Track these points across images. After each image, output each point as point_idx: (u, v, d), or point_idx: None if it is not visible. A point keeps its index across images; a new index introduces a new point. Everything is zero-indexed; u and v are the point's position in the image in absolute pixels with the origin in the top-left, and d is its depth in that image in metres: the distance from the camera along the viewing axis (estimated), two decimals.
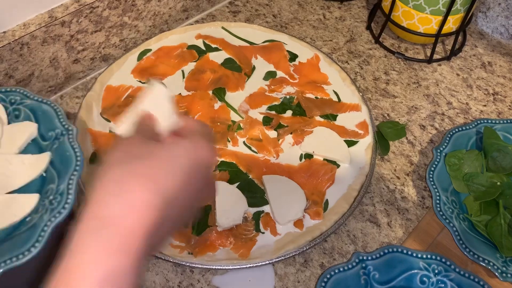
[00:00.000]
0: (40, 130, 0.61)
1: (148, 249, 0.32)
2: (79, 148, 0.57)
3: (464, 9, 0.77)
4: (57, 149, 0.58)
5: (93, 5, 0.71)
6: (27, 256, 0.49)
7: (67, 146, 0.58)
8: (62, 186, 0.54)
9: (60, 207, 0.52)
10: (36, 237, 0.50)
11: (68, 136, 0.59)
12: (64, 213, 0.52)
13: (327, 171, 0.66)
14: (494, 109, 0.78)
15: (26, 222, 0.54)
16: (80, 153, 0.57)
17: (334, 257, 0.60)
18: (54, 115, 0.61)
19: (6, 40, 0.65)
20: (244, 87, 0.76)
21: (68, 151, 0.57)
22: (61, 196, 0.53)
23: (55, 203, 0.53)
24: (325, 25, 0.90)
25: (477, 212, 0.62)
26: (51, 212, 0.52)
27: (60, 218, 0.52)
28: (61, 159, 0.57)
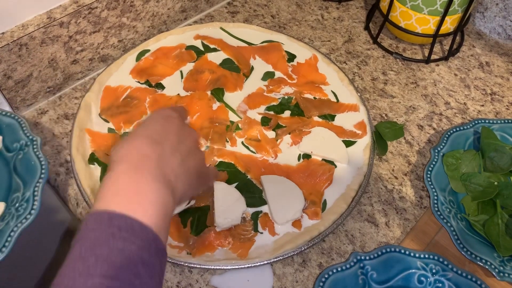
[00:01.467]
0: (4, 142, 0.64)
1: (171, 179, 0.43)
2: (44, 157, 0.60)
3: (461, 9, 0.77)
4: (22, 159, 0.61)
5: (91, 6, 0.71)
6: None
7: (31, 156, 0.61)
8: (27, 193, 0.57)
9: (26, 213, 0.55)
10: (3, 242, 0.53)
11: (33, 146, 0.61)
12: (31, 219, 0.55)
13: (325, 171, 0.66)
14: (491, 109, 0.78)
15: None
16: (45, 162, 0.60)
17: (332, 257, 0.61)
18: (18, 127, 0.64)
19: (5, 41, 0.65)
20: (242, 88, 0.77)
21: (33, 161, 0.60)
22: (27, 203, 0.56)
23: (21, 209, 0.56)
24: (323, 26, 0.90)
25: (475, 212, 0.63)
26: (18, 218, 0.55)
27: (26, 223, 0.54)
28: (26, 168, 0.60)
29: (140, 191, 0.39)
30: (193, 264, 0.57)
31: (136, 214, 0.38)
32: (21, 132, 0.63)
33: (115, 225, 0.37)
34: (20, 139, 0.63)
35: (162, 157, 0.43)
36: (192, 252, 0.58)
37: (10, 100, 0.71)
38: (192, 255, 0.58)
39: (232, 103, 0.74)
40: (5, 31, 0.66)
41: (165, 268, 0.40)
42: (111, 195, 0.39)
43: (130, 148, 0.43)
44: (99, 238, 0.36)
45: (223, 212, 0.60)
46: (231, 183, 0.65)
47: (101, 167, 0.65)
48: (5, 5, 0.64)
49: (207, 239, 0.59)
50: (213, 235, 0.59)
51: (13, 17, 0.66)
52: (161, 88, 0.76)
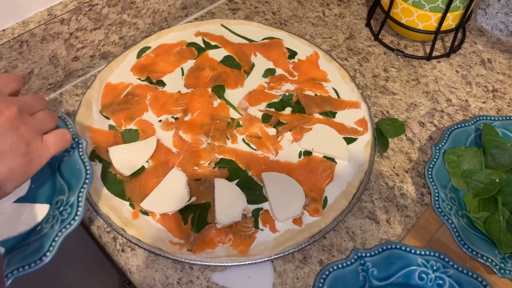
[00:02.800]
0: None
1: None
2: (89, 161, 0.58)
3: (463, 6, 0.77)
4: (67, 161, 0.59)
5: (92, 3, 0.71)
6: (38, 264, 0.51)
7: (77, 159, 0.59)
8: (72, 198, 0.56)
9: (71, 218, 0.54)
10: (48, 246, 0.52)
11: (78, 149, 0.59)
12: (75, 224, 0.54)
13: (326, 168, 0.66)
14: (493, 106, 0.78)
15: (36, 231, 0.55)
16: (90, 167, 0.58)
17: (333, 254, 0.61)
18: (64, 127, 0.61)
19: (6, 38, 0.65)
20: (243, 85, 0.76)
21: (78, 165, 0.58)
22: (71, 208, 0.55)
23: (65, 214, 0.55)
24: (325, 22, 0.90)
25: (476, 209, 0.62)
26: (62, 222, 0.54)
27: (71, 229, 0.53)
28: (71, 172, 0.58)
29: None
30: (193, 261, 0.57)
31: None
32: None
33: None
34: None
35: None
36: (192, 249, 0.58)
37: None
38: (192, 252, 0.58)
39: (233, 100, 0.74)
40: (6, 28, 0.66)
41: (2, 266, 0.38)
42: None
43: None
44: None
45: (223, 209, 0.60)
46: (232, 180, 0.65)
47: (102, 164, 0.65)
48: (6, 2, 0.64)
49: (207, 236, 0.59)
50: (213, 232, 0.59)
51: (13, 14, 0.66)
52: (162, 85, 0.76)
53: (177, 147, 0.68)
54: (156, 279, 0.58)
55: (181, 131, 0.70)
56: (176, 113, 0.72)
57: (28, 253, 0.52)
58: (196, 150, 0.68)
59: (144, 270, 0.58)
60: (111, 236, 0.61)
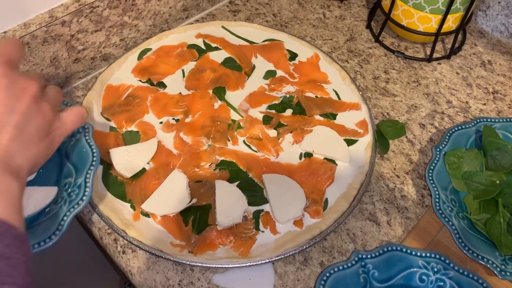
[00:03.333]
0: None
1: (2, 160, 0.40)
2: (95, 145, 0.61)
3: (463, 7, 0.77)
4: (74, 145, 0.62)
5: (93, 5, 0.71)
6: (48, 243, 0.53)
7: (83, 143, 0.61)
8: (79, 180, 0.58)
9: (79, 199, 0.57)
10: (57, 225, 0.54)
11: (85, 133, 0.62)
12: (83, 204, 0.56)
13: (327, 170, 0.66)
14: (493, 107, 0.78)
15: (46, 212, 0.57)
16: (96, 150, 0.61)
17: (333, 256, 0.61)
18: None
19: None
20: (244, 86, 0.77)
21: (85, 148, 0.61)
22: (79, 189, 0.58)
23: (73, 195, 0.57)
24: (325, 24, 0.90)
25: (476, 210, 0.63)
26: (70, 203, 0.56)
27: (79, 208, 0.56)
28: (78, 155, 0.61)
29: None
30: (194, 262, 0.57)
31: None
32: None
33: None
34: None
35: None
36: (193, 250, 0.58)
37: None
38: (193, 254, 0.58)
39: (234, 102, 0.74)
40: (7, 30, 0.66)
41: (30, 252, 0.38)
42: None
43: None
44: None
45: (224, 210, 0.60)
46: (233, 181, 0.65)
47: (102, 166, 0.65)
48: (7, 4, 0.64)
49: (208, 238, 0.59)
50: (214, 233, 0.59)
51: (15, 16, 0.66)
52: (162, 87, 0.76)
53: (178, 149, 0.68)
54: (157, 280, 0.58)
55: (182, 133, 0.70)
56: (177, 115, 0.72)
57: (39, 232, 0.54)
58: (197, 151, 0.68)
59: (145, 272, 0.58)
60: (112, 237, 0.62)
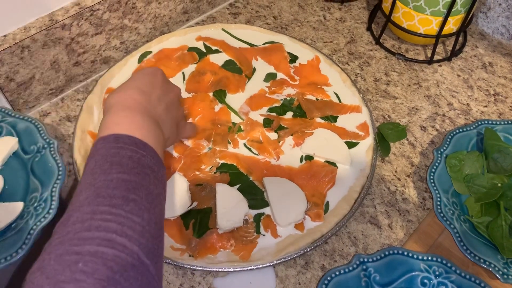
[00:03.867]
0: (22, 144, 0.65)
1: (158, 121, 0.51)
2: (60, 159, 0.63)
3: (464, 9, 0.77)
4: (40, 161, 0.63)
5: (93, 8, 0.71)
6: (14, 257, 0.54)
7: (48, 158, 0.63)
8: (45, 194, 0.60)
9: (45, 212, 0.58)
10: (23, 240, 0.56)
11: (50, 149, 0.64)
12: (49, 218, 0.57)
13: (328, 173, 0.66)
14: (495, 110, 0.78)
15: (12, 228, 0.58)
16: (61, 164, 0.62)
17: (335, 259, 0.60)
18: (35, 130, 0.66)
19: (7, 43, 0.65)
20: (244, 89, 0.76)
21: (50, 163, 0.63)
22: (45, 203, 0.59)
23: (39, 209, 0.58)
24: (326, 27, 0.90)
25: (478, 213, 0.62)
26: (37, 217, 0.58)
27: (45, 222, 0.57)
28: (44, 170, 0.62)
29: (137, 122, 0.47)
30: (195, 266, 0.57)
31: (137, 135, 0.45)
32: (38, 135, 0.65)
33: (121, 142, 0.44)
34: (37, 142, 0.65)
35: (150, 103, 0.51)
36: (194, 254, 0.58)
37: (12, 102, 0.71)
38: (194, 258, 0.58)
39: (234, 105, 0.74)
40: (7, 34, 0.66)
41: (165, 180, 0.47)
42: (113, 125, 0.46)
43: (123, 95, 0.50)
44: (109, 151, 0.43)
45: (225, 214, 0.60)
46: (233, 185, 0.65)
47: None
48: (7, 8, 0.64)
49: (209, 241, 0.59)
50: (215, 237, 0.59)
51: (15, 19, 0.66)
52: None
53: (179, 152, 0.68)
54: None
55: None
56: None
57: (5, 247, 0.55)
58: (197, 155, 0.68)
59: None
60: None
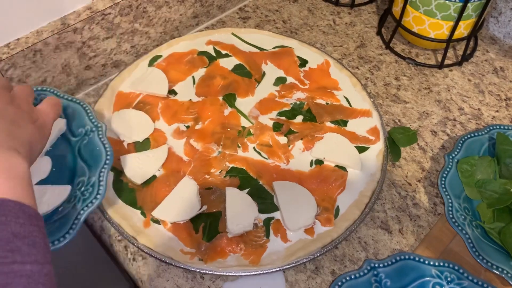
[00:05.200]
0: (70, 126, 0.64)
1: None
2: (108, 143, 0.61)
3: (475, 14, 0.76)
4: (87, 144, 0.62)
5: (105, 12, 0.72)
6: (62, 242, 0.53)
7: (96, 141, 0.62)
8: (93, 178, 0.58)
9: (92, 197, 0.56)
10: (70, 224, 0.54)
11: (98, 132, 0.62)
12: (97, 203, 0.56)
13: (338, 177, 0.66)
14: (506, 114, 0.77)
15: (59, 211, 0.57)
16: (109, 148, 0.61)
17: (345, 264, 0.60)
18: (83, 113, 0.65)
19: (20, 47, 0.66)
20: (254, 93, 0.76)
21: (98, 147, 0.61)
22: (92, 187, 0.57)
23: (87, 193, 0.57)
24: (335, 31, 0.90)
25: (490, 219, 0.62)
26: (84, 201, 0.56)
27: (93, 207, 0.56)
28: (91, 154, 0.61)
29: None
30: (205, 270, 0.57)
31: None
32: (86, 118, 0.64)
33: None
34: (85, 125, 0.64)
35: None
36: (204, 258, 0.58)
37: None
38: (204, 261, 0.57)
39: (244, 109, 0.74)
40: (20, 37, 0.66)
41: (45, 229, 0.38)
42: None
43: None
44: None
45: (235, 218, 0.60)
46: (243, 188, 0.65)
47: (113, 173, 0.65)
48: (20, 12, 0.65)
49: (219, 245, 0.59)
50: (225, 241, 0.59)
51: (27, 23, 0.67)
52: (173, 94, 0.76)
53: (188, 156, 0.68)
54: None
55: (192, 140, 0.70)
56: (187, 121, 0.72)
57: (52, 231, 0.54)
58: (207, 158, 0.68)
59: (155, 279, 0.58)
60: (123, 244, 0.61)
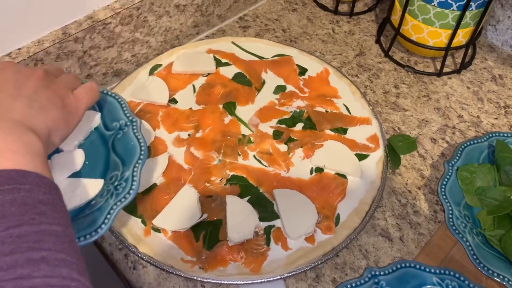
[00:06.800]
0: (104, 120, 0.63)
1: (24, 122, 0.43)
2: (143, 138, 0.60)
3: (473, 22, 0.77)
4: (121, 138, 0.61)
5: (105, 22, 0.72)
6: (94, 236, 0.51)
7: (131, 136, 0.60)
8: (127, 173, 0.56)
9: (125, 192, 0.55)
10: (103, 219, 0.53)
11: (133, 127, 0.61)
12: (130, 198, 0.54)
13: (338, 185, 0.66)
14: (505, 122, 0.77)
15: (91, 205, 0.56)
16: (144, 143, 0.59)
17: (346, 272, 0.60)
18: (118, 107, 0.63)
19: (21, 56, 0.66)
20: (254, 101, 0.77)
21: (133, 141, 0.60)
22: (126, 182, 0.56)
23: (120, 188, 0.55)
24: (334, 39, 0.91)
25: (491, 226, 0.62)
26: (117, 196, 0.55)
27: (126, 202, 0.54)
28: (125, 148, 0.60)
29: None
30: (205, 279, 0.57)
31: (7, 164, 0.38)
32: (121, 112, 0.63)
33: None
34: (120, 119, 0.62)
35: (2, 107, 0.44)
36: (204, 266, 0.58)
37: None
38: (204, 270, 0.57)
39: (244, 117, 0.74)
40: (22, 47, 0.67)
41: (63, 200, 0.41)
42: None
43: None
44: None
45: (235, 226, 0.60)
46: (243, 197, 0.65)
47: None
48: (21, 21, 0.65)
49: (219, 254, 0.59)
50: (225, 249, 0.59)
51: (29, 33, 0.67)
52: (173, 102, 0.76)
53: (189, 164, 0.68)
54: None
55: (192, 148, 0.70)
56: (188, 129, 0.72)
57: (84, 225, 0.52)
58: (207, 166, 0.68)
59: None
60: (123, 253, 0.61)
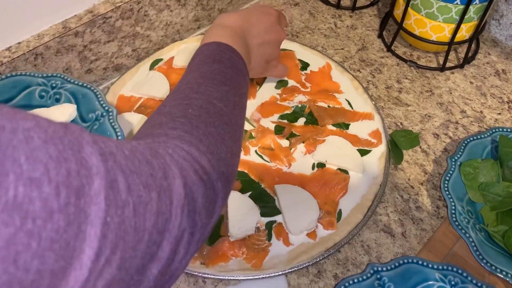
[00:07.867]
0: (80, 112, 0.63)
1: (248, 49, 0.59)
2: (119, 127, 0.60)
3: (477, 17, 0.76)
4: (98, 129, 0.61)
5: (106, 16, 0.72)
6: None
7: (107, 126, 0.61)
8: None
9: None
10: None
11: (109, 117, 0.61)
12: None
13: (340, 181, 0.65)
14: (509, 117, 0.77)
15: None
16: (120, 132, 0.59)
17: (348, 268, 0.60)
18: (94, 97, 0.64)
19: (21, 50, 0.66)
20: (255, 96, 0.76)
21: (109, 131, 0.60)
22: None
23: None
24: (337, 34, 0.90)
25: (494, 222, 0.61)
26: None
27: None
28: None
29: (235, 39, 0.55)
30: (207, 274, 0.56)
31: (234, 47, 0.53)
32: (97, 102, 0.63)
33: (222, 47, 0.52)
34: (96, 110, 0.63)
35: (248, 32, 0.59)
36: (205, 262, 0.57)
37: None
38: (205, 265, 0.57)
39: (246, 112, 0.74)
40: (21, 41, 0.66)
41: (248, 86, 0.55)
42: (216, 36, 0.54)
43: (232, 17, 0.59)
44: (212, 52, 0.51)
45: (237, 221, 0.60)
46: (245, 192, 0.64)
47: None
48: (21, 15, 0.65)
49: (221, 249, 0.59)
50: (227, 245, 0.59)
51: (29, 27, 0.67)
52: None
53: None
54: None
55: None
56: None
57: None
58: None
59: None
60: None
